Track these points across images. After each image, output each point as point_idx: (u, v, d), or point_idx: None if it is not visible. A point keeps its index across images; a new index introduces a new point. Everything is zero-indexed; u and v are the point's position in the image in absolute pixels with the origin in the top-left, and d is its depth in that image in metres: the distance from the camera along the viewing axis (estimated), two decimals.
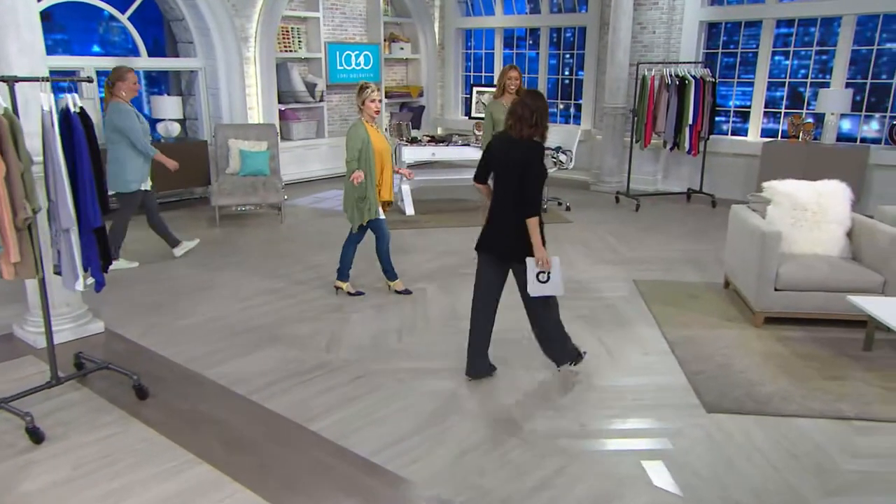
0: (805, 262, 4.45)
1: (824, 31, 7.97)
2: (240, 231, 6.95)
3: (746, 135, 8.59)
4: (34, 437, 3.05)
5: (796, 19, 8.10)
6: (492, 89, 9.51)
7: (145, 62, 7.93)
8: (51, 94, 3.12)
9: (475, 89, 9.72)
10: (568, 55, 10.29)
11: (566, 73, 10.34)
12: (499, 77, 5.66)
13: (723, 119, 8.81)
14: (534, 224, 3.39)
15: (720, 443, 3.15)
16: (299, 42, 9.43)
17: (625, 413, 3.43)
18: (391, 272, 5.12)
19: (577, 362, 3.82)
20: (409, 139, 8.17)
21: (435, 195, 8.41)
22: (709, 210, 8.01)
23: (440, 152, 7.99)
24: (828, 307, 4.35)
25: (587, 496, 2.76)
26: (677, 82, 7.96)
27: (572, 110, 10.28)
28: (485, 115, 5.68)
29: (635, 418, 3.39)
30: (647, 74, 8.06)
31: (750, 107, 8.51)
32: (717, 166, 8.51)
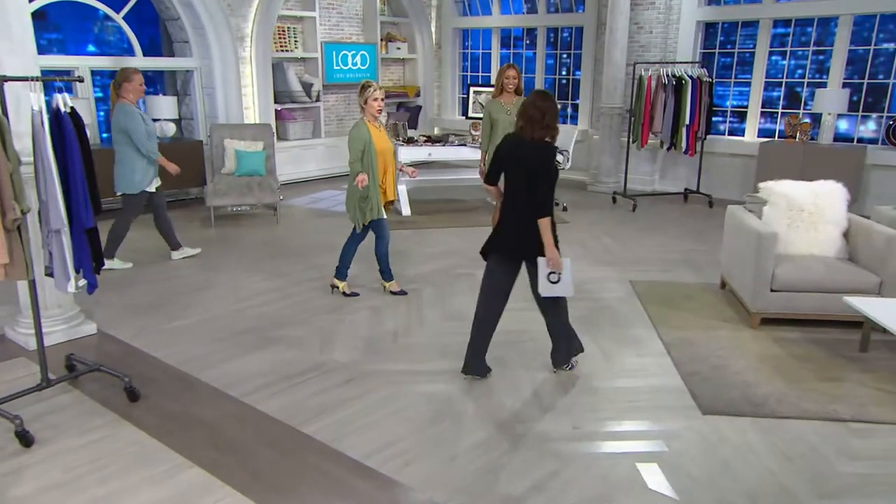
0: (801, 263, 4.43)
1: (821, 31, 7.96)
2: (235, 232, 6.92)
3: (743, 135, 8.58)
4: (23, 441, 3.02)
5: (793, 19, 8.09)
6: (489, 89, 9.49)
7: (140, 62, 7.89)
8: (41, 94, 3.10)
9: (472, 89, 9.68)
10: (565, 55, 10.28)
11: (563, 73, 10.32)
12: (497, 76, 5.63)
13: (720, 119, 8.79)
14: (546, 225, 3.41)
15: (715, 445, 3.13)
16: (296, 42, 9.41)
17: (620, 415, 3.41)
18: (388, 273, 5.10)
19: (575, 354, 3.84)
20: (406, 139, 8.15)
21: (431, 195, 8.40)
22: (706, 210, 8.00)
23: (437, 152, 7.97)
24: (824, 308, 4.34)
25: (581, 499, 2.74)
26: (674, 82, 7.94)
27: (569, 110, 10.26)
28: (483, 115, 5.66)
29: (630, 420, 3.37)
30: (643, 74, 8.04)
31: (747, 107, 8.50)
32: (714, 166, 8.51)
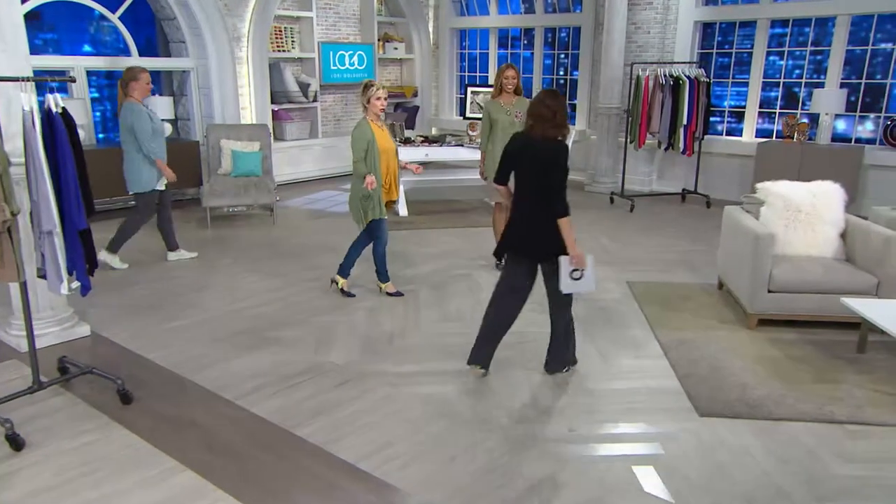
0: (798, 264, 4.42)
1: (819, 31, 7.94)
2: (231, 232, 6.89)
3: (741, 135, 8.56)
4: (14, 445, 2.99)
5: (791, 19, 8.08)
6: (486, 89, 9.48)
7: (136, 62, 7.83)
8: (31, 95, 3.07)
9: (470, 89, 9.67)
10: (562, 55, 10.26)
11: (561, 73, 10.30)
12: (495, 77, 5.58)
13: (717, 119, 8.78)
14: (566, 225, 3.40)
15: (711, 447, 3.11)
16: (292, 42, 9.38)
17: (616, 417, 3.39)
18: (384, 274, 5.08)
19: (567, 367, 3.83)
20: (402, 140, 8.13)
21: (428, 196, 8.36)
22: (703, 211, 7.98)
23: (434, 153, 7.95)
24: (821, 309, 4.32)
25: (577, 502, 2.72)
26: (672, 82, 7.93)
27: (567, 110, 10.24)
28: (482, 116, 5.60)
29: (627, 422, 3.35)
30: (641, 74, 8.02)
31: (744, 107, 8.48)
32: (711, 167, 8.49)
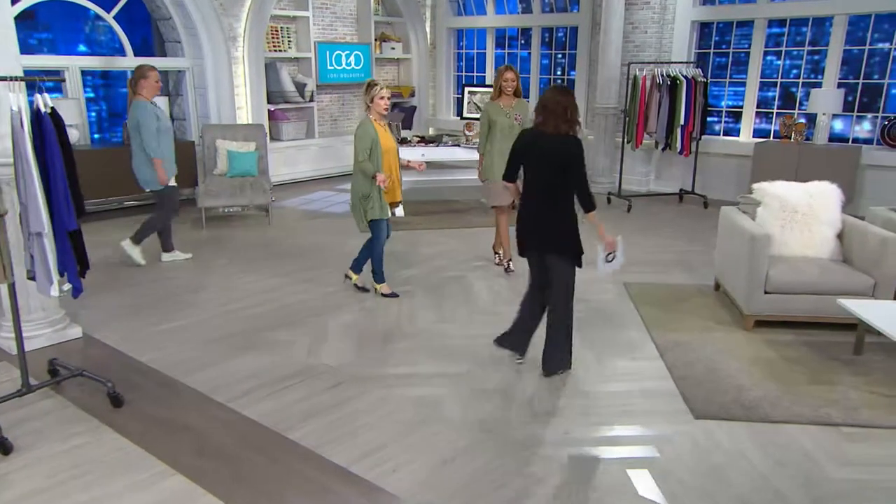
0: (795, 265, 4.40)
1: (816, 30, 7.92)
2: (226, 233, 6.86)
3: (738, 135, 8.54)
4: (1, 448, 2.96)
5: (788, 19, 8.06)
6: (484, 89, 9.46)
7: (131, 62, 7.82)
8: (21, 95, 3.04)
9: (467, 89, 9.65)
10: (560, 55, 10.23)
11: (558, 73, 10.28)
12: (495, 79, 5.52)
13: (715, 119, 8.76)
14: (594, 217, 3.58)
15: (707, 450, 3.09)
16: (289, 41, 9.35)
17: (611, 419, 3.37)
18: (380, 274, 5.06)
19: (561, 371, 3.80)
20: (399, 140, 8.10)
21: (425, 196, 8.33)
22: (701, 211, 7.96)
23: (430, 153, 7.92)
24: (818, 310, 4.30)
25: None
26: (669, 82, 7.90)
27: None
28: (481, 118, 5.54)
29: (622, 425, 3.33)
30: (638, 74, 8.00)
31: (742, 107, 8.46)
32: (709, 167, 8.47)
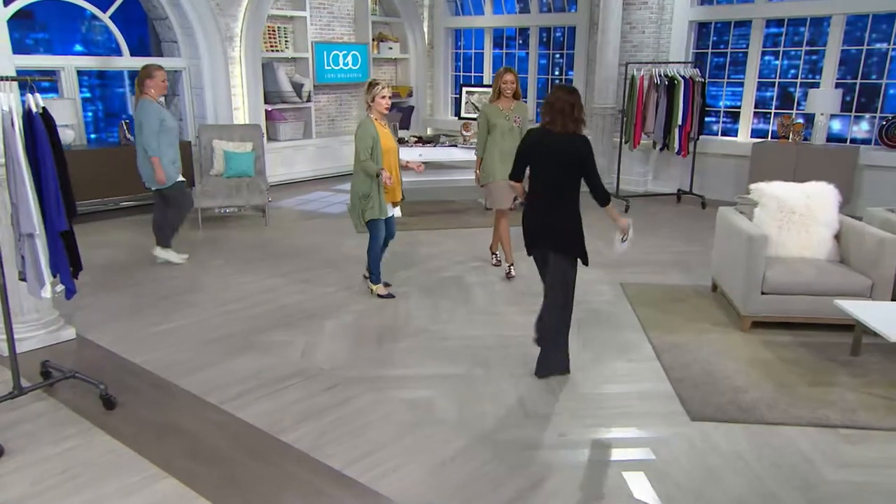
0: (792, 266, 4.38)
1: (814, 30, 7.91)
2: (222, 234, 6.84)
3: (736, 135, 8.53)
4: None
5: (786, 19, 8.05)
6: (481, 89, 9.44)
7: (127, 62, 7.81)
8: (12, 95, 3.02)
9: (465, 89, 9.62)
10: (558, 55, 10.22)
11: (556, 73, 10.27)
12: (494, 81, 5.47)
13: (713, 119, 8.74)
14: (611, 209, 3.77)
15: (703, 452, 3.07)
16: (286, 42, 9.32)
17: (607, 422, 3.35)
18: (376, 276, 5.04)
19: (557, 374, 3.78)
20: (397, 140, 8.07)
21: (422, 197, 8.30)
22: (699, 211, 7.94)
23: (427, 153, 7.89)
24: (815, 311, 4.28)
25: None
26: (667, 82, 7.89)
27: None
28: (479, 120, 5.48)
29: (618, 427, 3.31)
30: (636, 74, 7.98)
31: (740, 107, 8.45)
32: (707, 167, 8.46)
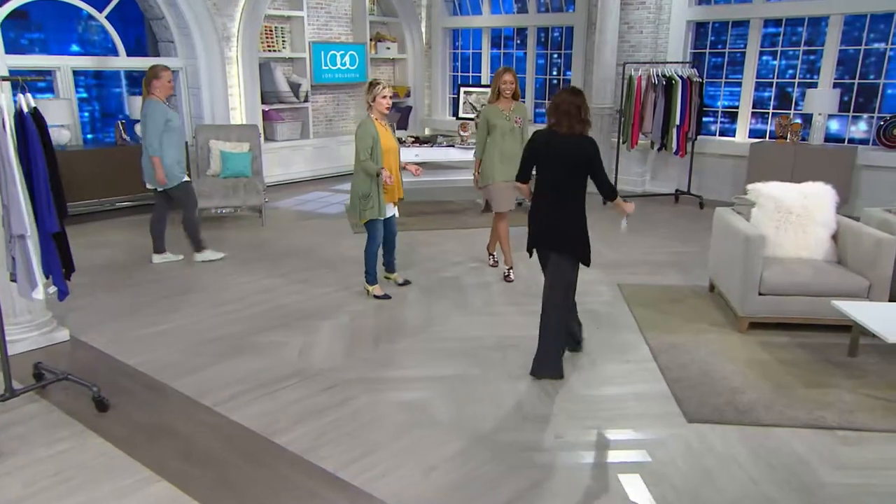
0: (789, 266, 4.36)
1: (812, 30, 7.90)
2: (219, 234, 6.80)
3: (734, 135, 8.51)
4: None
5: (784, 19, 8.03)
6: (479, 89, 9.42)
7: (123, 62, 7.79)
8: (3, 94, 2.99)
9: (462, 89, 9.61)
10: (556, 55, 10.20)
11: (554, 73, 10.25)
12: (492, 81, 5.42)
13: (711, 119, 8.73)
14: (617, 200, 3.94)
15: (699, 454, 3.05)
16: (283, 41, 9.30)
17: (603, 424, 3.33)
18: (373, 276, 5.03)
19: (551, 377, 3.75)
20: (396, 140, 8.05)
21: (419, 197, 8.27)
22: (696, 212, 7.93)
23: (424, 153, 7.87)
24: (812, 312, 4.27)
25: None
26: (664, 82, 7.87)
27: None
28: (479, 121, 5.44)
29: (614, 429, 3.29)
30: (633, 74, 7.97)
31: (738, 107, 8.43)
32: (705, 167, 8.44)
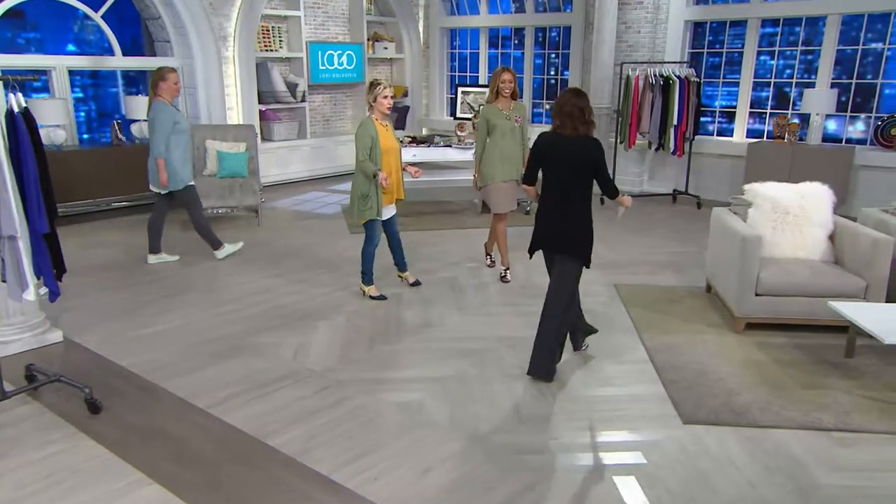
0: (786, 267, 4.35)
1: (809, 30, 7.88)
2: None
3: (732, 135, 8.50)
4: None
5: (781, 19, 8.02)
6: (477, 89, 9.38)
7: (119, 61, 7.76)
8: None
9: (460, 89, 9.58)
10: (553, 55, 10.18)
11: (551, 72, 10.23)
12: (491, 81, 5.35)
13: (708, 119, 8.71)
14: (619, 196, 3.86)
15: (695, 456, 3.03)
16: (280, 41, 9.28)
17: (599, 425, 3.31)
18: (369, 276, 5.01)
19: (541, 378, 3.75)
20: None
21: (416, 197, 8.25)
22: (694, 212, 7.91)
23: (421, 154, 7.85)
24: (809, 312, 4.25)
25: None
26: (662, 82, 7.86)
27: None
28: (479, 122, 5.39)
29: (609, 431, 3.27)
30: (631, 74, 7.95)
31: (735, 107, 8.42)
32: (702, 167, 8.42)
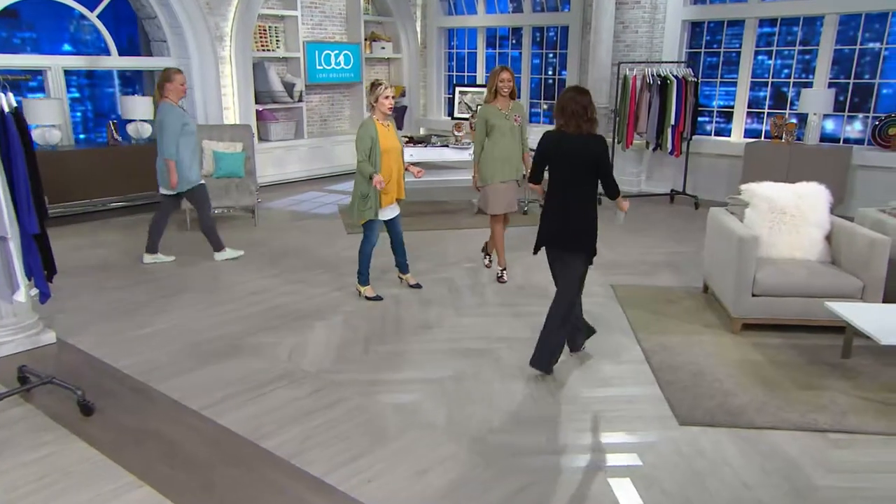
0: (783, 267, 4.33)
1: (807, 30, 7.87)
2: None
3: (730, 135, 8.49)
4: None
5: (779, 18, 8.01)
6: (475, 89, 9.37)
7: (115, 61, 7.74)
8: None
9: (458, 89, 9.56)
10: (551, 54, 10.17)
11: (549, 72, 10.22)
12: (489, 80, 5.30)
13: (706, 119, 8.70)
14: (619, 197, 3.82)
15: (691, 458, 3.02)
16: (277, 41, 9.26)
17: (595, 426, 3.29)
18: (366, 276, 4.99)
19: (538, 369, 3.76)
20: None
21: (413, 197, 8.21)
22: (692, 212, 7.90)
23: (418, 154, 7.82)
24: (806, 313, 4.24)
25: None
26: (659, 82, 7.84)
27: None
28: (477, 122, 5.35)
29: (605, 432, 3.26)
30: (628, 74, 7.94)
31: (733, 107, 8.41)
32: (700, 167, 8.41)
